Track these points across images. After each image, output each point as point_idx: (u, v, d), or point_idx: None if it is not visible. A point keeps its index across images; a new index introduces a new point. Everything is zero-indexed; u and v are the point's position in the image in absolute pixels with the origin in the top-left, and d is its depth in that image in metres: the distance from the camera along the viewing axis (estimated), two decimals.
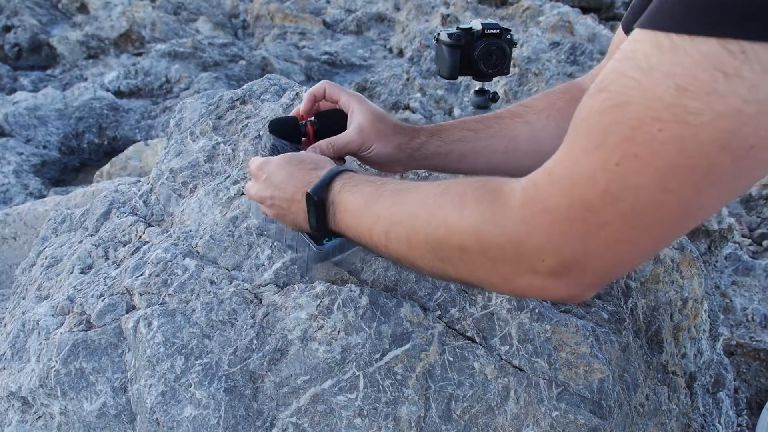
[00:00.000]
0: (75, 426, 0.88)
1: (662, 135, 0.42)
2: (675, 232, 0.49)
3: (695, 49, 0.41)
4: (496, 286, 0.60)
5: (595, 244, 0.49)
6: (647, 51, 0.43)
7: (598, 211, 0.47)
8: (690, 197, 0.45)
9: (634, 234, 0.48)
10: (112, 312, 0.94)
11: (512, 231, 0.53)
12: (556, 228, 0.50)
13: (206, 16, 6.90)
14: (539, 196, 0.51)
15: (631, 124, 0.44)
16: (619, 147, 0.45)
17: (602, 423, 0.83)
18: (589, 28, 4.96)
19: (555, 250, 0.51)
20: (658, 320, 1.08)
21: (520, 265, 0.54)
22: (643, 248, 0.50)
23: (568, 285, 0.53)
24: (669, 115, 0.42)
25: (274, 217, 0.85)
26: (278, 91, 1.30)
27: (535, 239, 0.52)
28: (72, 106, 4.66)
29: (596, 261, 0.51)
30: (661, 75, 0.42)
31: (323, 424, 0.82)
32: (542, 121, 0.93)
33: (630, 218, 0.47)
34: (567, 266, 0.51)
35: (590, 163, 0.47)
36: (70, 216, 1.29)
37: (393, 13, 6.72)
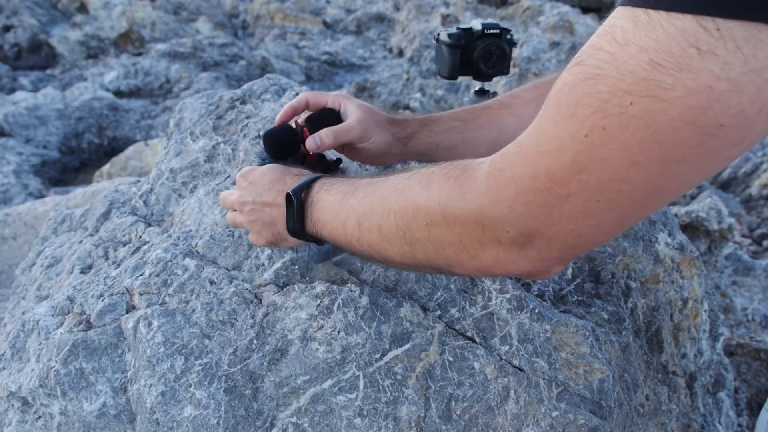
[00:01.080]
0: (75, 426, 0.88)
1: (632, 108, 0.42)
2: (640, 209, 0.49)
3: (671, 25, 0.41)
4: (463, 263, 0.59)
5: (559, 215, 0.49)
6: (624, 25, 0.43)
7: (564, 182, 0.47)
8: (656, 173, 0.44)
9: (598, 208, 0.47)
10: (112, 312, 0.94)
11: (476, 202, 0.53)
12: (519, 198, 0.50)
13: (206, 16, 6.90)
14: (505, 166, 0.51)
15: (602, 96, 0.44)
16: (588, 119, 0.44)
17: (602, 423, 0.83)
18: (589, 28, 4.96)
19: (518, 219, 0.51)
20: (658, 320, 1.08)
21: (483, 238, 0.54)
22: (608, 224, 0.49)
23: (532, 258, 0.53)
24: (641, 89, 0.42)
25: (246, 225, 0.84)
26: (278, 91, 1.30)
27: (497, 209, 0.52)
28: (72, 106, 4.66)
29: (559, 233, 0.50)
30: (635, 49, 0.42)
31: (323, 424, 0.82)
32: (530, 112, 0.93)
33: (595, 191, 0.46)
34: (529, 237, 0.51)
35: (558, 133, 0.47)
36: (70, 216, 1.29)
37: (393, 13, 6.73)
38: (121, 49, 6.16)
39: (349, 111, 0.92)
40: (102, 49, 6.12)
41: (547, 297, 0.99)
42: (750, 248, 2.63)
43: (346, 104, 0.92)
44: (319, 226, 0.73)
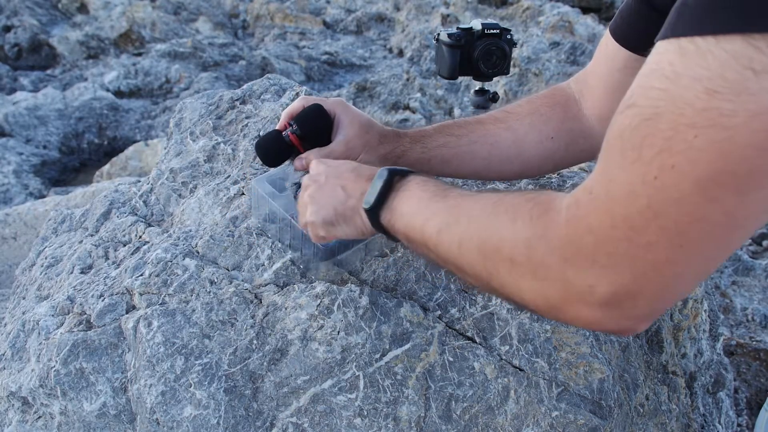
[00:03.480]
0: (75, 426, 0.88)
1: (698, 141, 0.41)
2: (724, 247, 0.46)
3: (721, 49, 0.40)
4: (542, 310, 0.56)
5: (643, 266, 0.46)
6: (671, 59, 0.42)
7: (641, 229, 0.45)
8: (734, 205, 0.43)
9: (682, 253, 0.45)
10: (112, 312, 0.94)
11: (560, 249, 0.51)
12: (601, 249, 0.48)
13: (206, 16, 6.90)
14: (581, 214, 0.49)
15: (665, 134, 0.42)
16: (655, 159, 0.43)
17: (602, 423, 0.83)
18: (589, 28, 4.96)
19: (601, 274, 0.48)
20: (658, 320, 1.08)
21: (567, 291, 0.51)
22: (694, 269, 0.47)
23: (619, 317, 0.50)
24: (702, 120, 0.40)
25: (308, 199, 0.80)
26: (278, 91, 1.30)
27: (580, 260, 0.49)
28: (72, 106, 4.66)
29: (646, 286, 0.47)
30: (688, 80, 0.41)
31: (323, 424, 0.82)
32: (525, 127, 0.93)
33: (675, 235, 0.44)
34: (617, 295, 0.48)
35: (628, 178, 0.45)
36: (70, 216, 1.29)
37: (393, 13, 6.73)
38: (121, 49, 6.16)
39: (341, 126, 0.89)
40: (102, 49, 6.12)
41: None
42: (750, 248, 2.63)
43: (340, 116, 0.89)
44: (396, 216, 0.70)
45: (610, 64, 0.87)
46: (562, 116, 0.93)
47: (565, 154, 0.95)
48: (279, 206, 0.95)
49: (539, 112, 0.93)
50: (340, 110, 0.90)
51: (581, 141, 0.94)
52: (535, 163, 0.95)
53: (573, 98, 0.95)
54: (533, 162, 0.94)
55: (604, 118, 0.91)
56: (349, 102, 4.67)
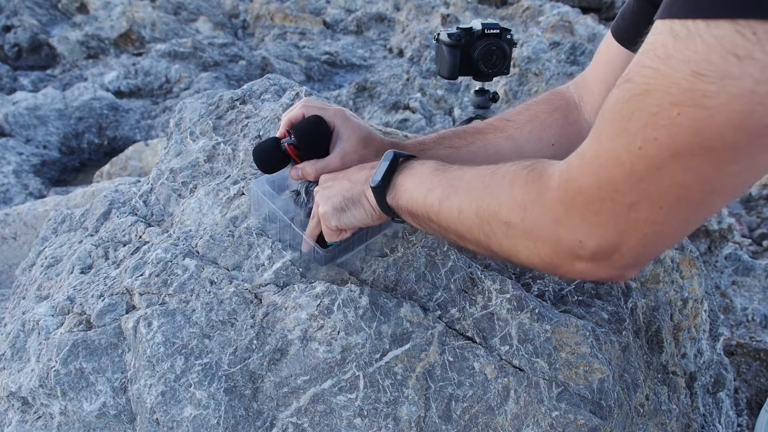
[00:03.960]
0: (75, 426, 0.88)
1: (680, 119, 0.45)
2: (701, 210, 0.51)
3: (710, 34, 0.43)
4: (537, 266, 0.62)
5: (626, 224, 0.52)
6: (664, 40, 0.46)
7: (625, 191, 0.50)
8: (710, 175, 0.47)
9: (661, 214, 0.50)
10: (112, 312, 0.94)
11: (552, 210, 0.56)
12: (588, 207, 0.53)
13: (206, 16, 6.90)
14: (572, 177, 0.55)
15: (652, 110, 0.46)
16: (640, 132, 0.47)
17: (602, 423, 0.83)
18: (589, 28, 4.96)
19: (589, 229, 0.54)
20: (658, 320, 1.08)
21: (559, 247, 0.57)
22: (673, 228, 0.52)
23: (607, 267, 0.56)
24: (686, 99, 0.44)
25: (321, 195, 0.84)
26: (278, 91, 1.30)
27: (570, 217, 0.55)
28: (72, 106, 4.66)
29: (629, 241, 0.53)
30: (678, 62, 0.44)
31: (323, 424, 0.82)
32: (524, 135, 0.93)
33: (656, 198, 0.49)
34: (603, 249, 0.54)
35: (615, 146, 0.50)
36: (70, 216, 1.29)
37: (393, 13, 6.72)
38: (121, 49, 6.16)
39: (339, 139, 0.89)
40: (102, 49, 6.12)
41: (547, 297, 0.99)
42: (750, 248, 2.63)
43: (339, 129, 0.89)
44: (400, 192, 0.75)
45: (611, 66, 0.87)
46: (562, 122, 0.93)
47: None
48: (278, 208, 0.95)
49: (539, 119, 0.93)
50: (339, 122, 0.89)
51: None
52: None
53: (573, 102, 0.94)
54: None
55: None
56: (349, 102, 4.63)
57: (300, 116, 0.89)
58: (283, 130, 0.90)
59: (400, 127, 4.03)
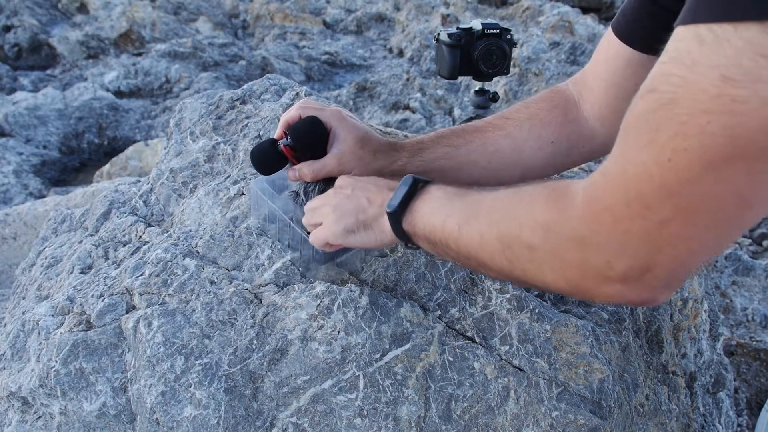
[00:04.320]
0: (75, 426, 0.88)
1: (710, 127, 0.43)
2: (735, 224, 0.49)
3: (738, 37, 0.41)
4: (564, 290, 0.59)
5: (658, 242, 0.49)
6: (690, 47, 0.44)
7: (656, 207, 0.48)
8: (743, 185, 0.45)
9: (695, 230, 0.48)
10: (112, 312, 0.94)
11: (578, 230, 0.53)
12: (617, 227, 0.50)
13: (206, 16, 6.90)
14: (598, 194, 0.52)
15: (680, 119, 0.44)
16: (669, 142, 0.45)
17: (602, 423, 0.83)
18: (589, 28, 4.96)
19: (619, 250, 0.51)
20: (658, 320, 1.08)
21: (586, 269, 0.54)
22: (707, 244, 0.49)
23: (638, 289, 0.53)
24: (716, 106, 0.42)
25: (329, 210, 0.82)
26: (278, 91, 1.30)
27: (597, 238, 0.52)
28: (72, 106, 4.66)
29: (662, 261, 0.50)
30: (705, 68, 0.43)
31: (323, 424, 0.82)
32: (524, 133, 0.92)
33: (688, 213, 0.47)
34: (634, 270, 0.51)
35: (643, 159, 0.48)
36: (70, 216, 1.29)
37: (393, 13, 6.73)
38: (121, 49, 6.16)
39: (336, 139, 0.88)
40: (102, 49, 6.12)
41: (547, 297, 0.99)
42: (750, 248, 2.63)
43: (336, 129, 0.88)
44: (417, 217, 0.72)
45: (611, 64, 0.87)
46: (562, 120, 0.93)
47: (566, 158, 0.95)
48: (278, 208, 0.95)
49: (538, 116, 0.93)
50: (336, 123, 0.89)
51: (582, 144, 0.93)
52: (535, 169, 0.94)
53: (572, 100, 0.94)
54: (534, 168, 0.94)
55: (605, 119, 0.91)
56: (349, 102, 4.63)
57: (297, 117, 0.89)
58: (280, 131, 0.90)
59: (400, 127, 4.03)
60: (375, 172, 0.89)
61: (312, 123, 0.88)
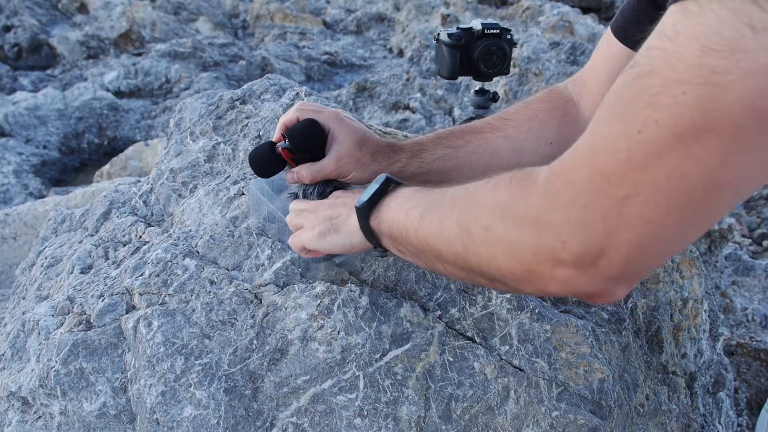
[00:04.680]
0: (75, 426, 0.88)
1: (685, 98, 0.40)
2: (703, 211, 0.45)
3: (723, 7, 0.39)
4: (517, 276, 0.55)
5: (617, 221, 0.45)
6: (674, 20, 0.42)
7: (619, 182, 0.44)
8: (715, 166, 0.41)
9: (658, 211, 0.44)
10: (112, 312, 0.94)
11: (534, 206, 0.51)
12: (576, 201, 0.47)
13: (206, 16, 6.90)
14: (563, 169, 0.50)
15: (654, 90, 0.42)
16: (640, 114, 0.43)
17: (602, 423, 0.83)
18: (589, 28, 4.96)
19: (575, 227, 0.47)
20: (658, 320, 1.08)
21: (540, 249, 0.50)
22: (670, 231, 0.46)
23: (592, 275, 0.49)
24: (693, 76, 0.40)
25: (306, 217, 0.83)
26: (278, 91, 1.30)
27: (555, 214, 0.49)
28: (72, 106, 4.66)
29: (619, 243, 0.46)
30: (685, 38, 0.41)
31: (323, 424, 0.82)
32: (523, 134, 0.92)
33: (652, 191, 0.44)
34: (589, 252, 0.48)
35: (612, 133, 0.45)
36: (70, 216, 1.29)
37: (393, 13, 6.73)
38: (121, 49, 6.16)
39: (334, 141, 0.88)
40: (102, 49, 6.12)
41: (547, 297, 0.99)
42: (750, 248, 2.63)
43: (334, 131, 0.88)
44: (384, 212, 0.72)
45: (610, 64, 0.86)
46: (561, 120, 0.92)
47: None
48: (277, 208, 0.95)
49: (537, 117, 0.92)
50: (334, 124, 0.88)
51: None
52: None
53: (571, 101, 0.94)
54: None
55: None
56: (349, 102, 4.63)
57: (294, 120, 0.89)
58: (279, 134, 0.90)
59: (400, 127, 4.03)
60: (373, 174, 0.89)
61: (310, 125, 0.88)
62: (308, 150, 0.89)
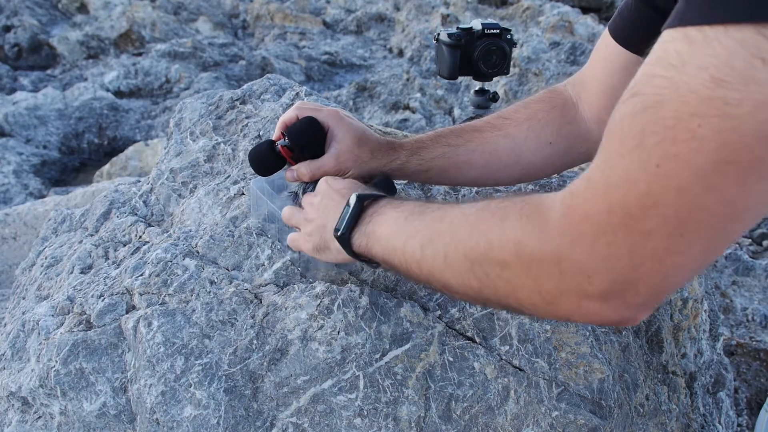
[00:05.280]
0: (75, 426, 0.88)
1: (702, 131, 0.41)
2: (724, 237, 0.46)
3: (730, 38, 0.39)
4: (539, 308, 0.55)
5: (643, 255, 0.46)
6: (678, 47, 0.42)
7: (640, 216, 0.45)
8: (735, 196, 0.42)
9: (682, 243, 0.44)
10: (112, 312, 0.94)
11: (553, 243, 0.50)
12: (599, 238, 0.47)
13: (206, 16, 6.90)
14: (577, 203, 0.49)
15: (668, 123, 0.42)
16: (657, 147, 0.43)
17: (602, 423, 0.83)
18: (589, 28, 4.96)
19: (600, 263, 0.47)
20: (658, 320, 1.08)
21: (564, 284, 0.50)
22: (694, 259, 0.46)
23: (618, 307, 0.49)
24: (707, 109, 0.40)
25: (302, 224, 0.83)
26: (278, 91, 1.30)
27: (578, 252, 0.48)
28: (72, 106, 4.66)
29: (645, 276, 0.47)
30: (694, 68, 0.41)
31: (323, 424, 0.82)
32: (523, 133, 0.92)
33: (675, 223, 0.44)
34: (616, 286, 0.48)
35: (627, 165, 0.45)
36: (70, 216, 1.29)
37: (393, 13, 6.73)
38: (121, 49, 6.16)
39: (333, 139, 0.88)
40: (102, 49, 6.12)
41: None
42: (750, 248, 2.63)
43: (333, 129, 0.88)
44: (373, 240, 0.69)
45: (608, 66, 0.87)
46: (560, 120, 0.93)
47: (564, 159, 0.95)
48: (277, 208, 0.95)
49: (536, 117, 0.93)
50: (334, 123, 0.88)
51: (579, 145, 0.93)
52: (533, 169, 0.95)
53: (570, 101, 0.94)
54: (532, 168, 0.94)
55: (603, 121, 0.90)
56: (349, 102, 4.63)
57: (294, 118, 0.89)
58: (278, 132, 0.90)
59: (400, 127, 4.03)
60: (373, 171, 0.90)
61: (309, 123, 0.88)
62: (308, 148, 0.89)
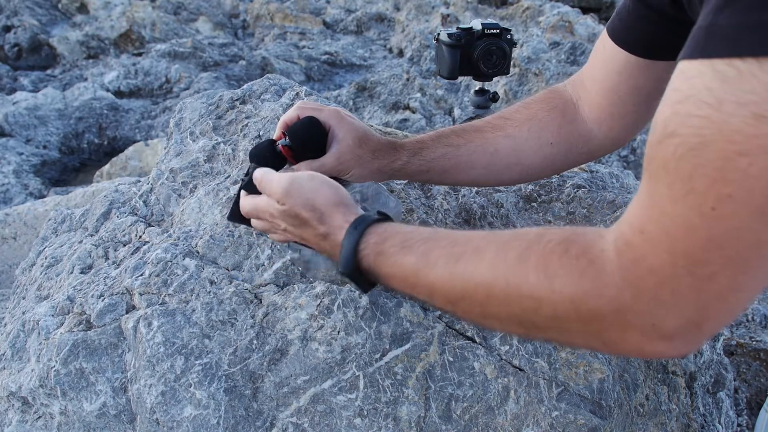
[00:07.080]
0: (75, 426, 0.88)
1: (753, 169, 0.40)
2: None
3: (765, 72, 0.39)
4: (597, 349, 0.55)
5: (708, 298, 0.46)
6: (708, 83, 0.41)
7: (703, 261, 0.44)
8: None
9: (745, 279, 0.45)
10: (112, 312, 0.94)
11: (616, 298, 0.49)
12: (664, 288, 0.47)
13: (206, 16, 6.90)
14: (638, 257, 0.48)
15: (716, 164, 0.42)
16: (710, 190, 0.42)
17: (602, 423, 0.83)
18: (589, 28, 4.96)
19: (665, 312, 0.47)
20: None
21: (627, 333, 0.50)
22: (755, 291, 0.47)
23: (682, 345, 0.49)
24: (754, 147, 0.40)
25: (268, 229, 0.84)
26: (278, 91, 1.30)
27: (642, 303, 0.48)
28: (72, 106, 4.66)
29: (712, 315, 0.47)
30: (733, 106, 0.40)
31: (323, 424, 0.82)
32: (524, 134, 0.92)
33: (738, 263, 0.44)
34: (681, 328, 0.48)
35: (683, 211, 0.44)
36: (70, 216, 1.29)
37: (393, 13, 6.73)
38: (121, 49, 6.16)
39: (334, 139, 0.88)
40: (102, 49, 6.12)
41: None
42: None
43: (334, 129, 0.88)
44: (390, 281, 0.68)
45: (607, 67, 0.87)
46: (560, 121, 0.93)
47: (565, 159, 0.95)
48: None
49: (537, 117, 0.93)
50: (335, 122, 0.88)
51: (580, 145, 0.93)
52: (534, 170, 0.95)
53: (570, 101, 0.94)
54: (533, 168, 0.94)
55: (602, 121, 0.91)
56: (349, 102, 4.63)
57: (295, 118, 0.89)
58: (279, 132, 0.90)
59: (400, 127, 4.03)
60: (374, 171, 0.90)
61: (310, 123, 0.88)
62: (309, 147, 0.89)
